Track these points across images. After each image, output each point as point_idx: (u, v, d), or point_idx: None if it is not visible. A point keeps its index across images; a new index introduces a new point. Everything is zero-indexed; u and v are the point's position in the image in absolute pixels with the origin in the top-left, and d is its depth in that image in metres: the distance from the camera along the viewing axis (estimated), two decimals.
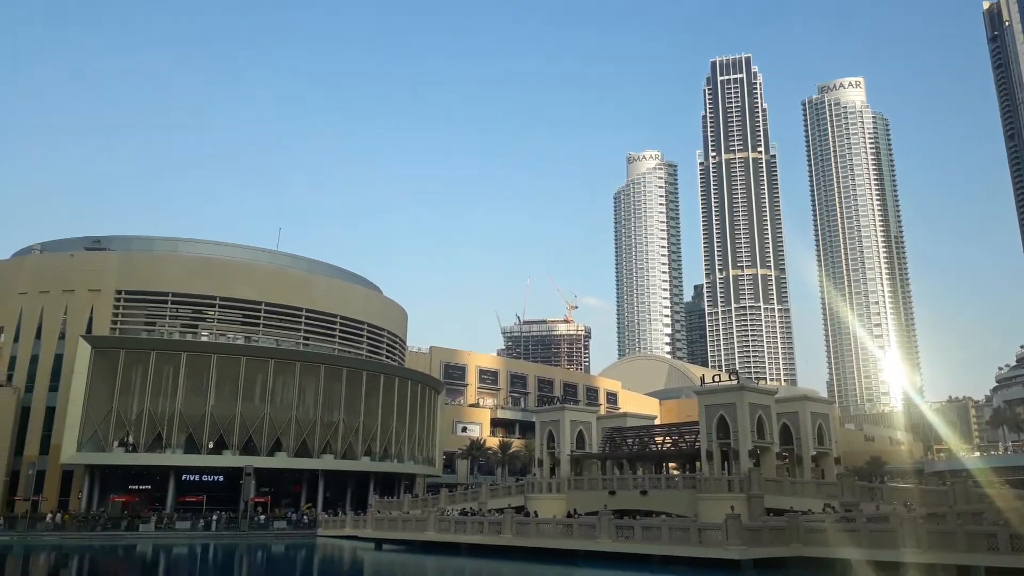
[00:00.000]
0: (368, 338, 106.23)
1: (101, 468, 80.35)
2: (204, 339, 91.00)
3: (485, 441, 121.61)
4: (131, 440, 79.55)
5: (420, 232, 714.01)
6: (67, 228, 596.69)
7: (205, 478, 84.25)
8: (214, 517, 76.48)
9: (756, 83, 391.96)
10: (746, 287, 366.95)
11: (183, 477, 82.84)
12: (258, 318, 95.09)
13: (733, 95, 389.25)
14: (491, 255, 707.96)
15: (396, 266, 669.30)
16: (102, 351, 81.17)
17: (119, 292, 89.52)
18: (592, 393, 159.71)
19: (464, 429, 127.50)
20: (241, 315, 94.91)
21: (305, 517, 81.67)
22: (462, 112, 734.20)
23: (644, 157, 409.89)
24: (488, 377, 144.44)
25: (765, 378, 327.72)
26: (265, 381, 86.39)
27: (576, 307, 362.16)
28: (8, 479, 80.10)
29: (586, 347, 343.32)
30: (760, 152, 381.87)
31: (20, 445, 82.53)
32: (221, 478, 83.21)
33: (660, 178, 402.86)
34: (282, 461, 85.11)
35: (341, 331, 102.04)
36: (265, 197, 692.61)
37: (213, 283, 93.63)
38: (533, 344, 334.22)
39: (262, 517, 79.35)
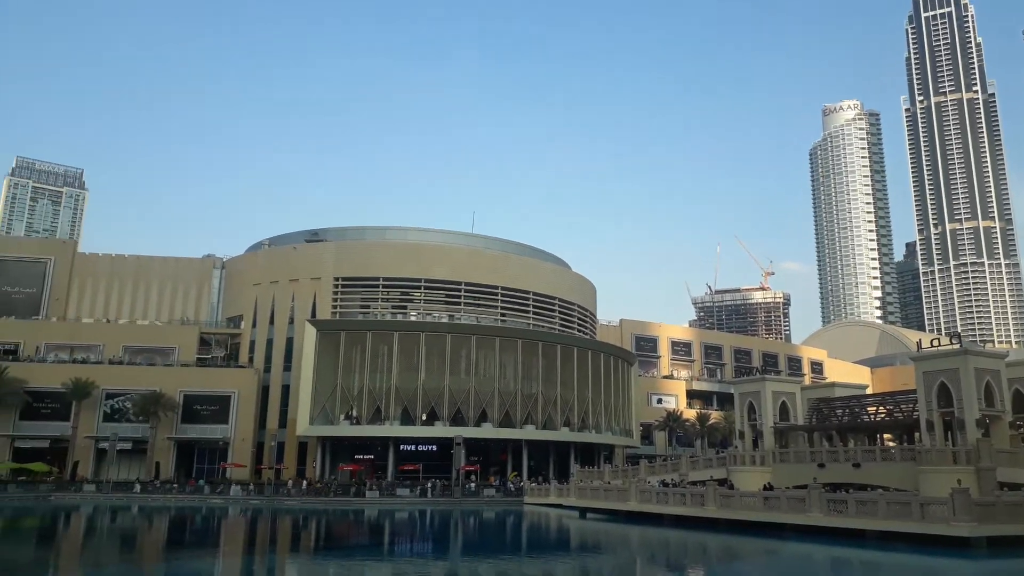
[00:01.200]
0: (560, 313, 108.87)
1: (331, 439, 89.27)
2: (412, 319, 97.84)
3: (681, 413, 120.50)
4: (355, 413, 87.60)
5: (603, 205, 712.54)
6: (291, 222, 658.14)
7: (420, 448, 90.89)
8: (429, 484, 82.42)
9: (967, 15, 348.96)
10: (966, 242, 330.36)
11: (400, 447, 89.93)
12: (459, 297, 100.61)
13: (941, 32, 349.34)
14: (677, 224, 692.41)
15: (582, 241, 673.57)
16: (325, 333, 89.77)
17: (336, 279, 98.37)
18: (794, 363, 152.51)
19: (659, 401, 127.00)
20: (444, 295, 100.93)
21: (511, 485, 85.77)
22: (641, 76, 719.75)
23: (841, 108, 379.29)
24: (681, 349, 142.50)
25: (992, 340, 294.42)
26: (468, 356, 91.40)
27: (772, 273, 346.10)
28: (255, 450, 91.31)
29: (785, 315, 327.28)
30: (976, 92, 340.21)
31: (263, 419, 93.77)
32: (434, 448, 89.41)
33: (861, 129, 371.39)
34: (488, 431, 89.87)
35: (534, 307, 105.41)
36: (457, 182, 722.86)
37: (418, 267, 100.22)
38: (727, 314, 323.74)
39: (472, 485, 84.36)
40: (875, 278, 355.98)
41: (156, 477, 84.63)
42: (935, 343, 65.28)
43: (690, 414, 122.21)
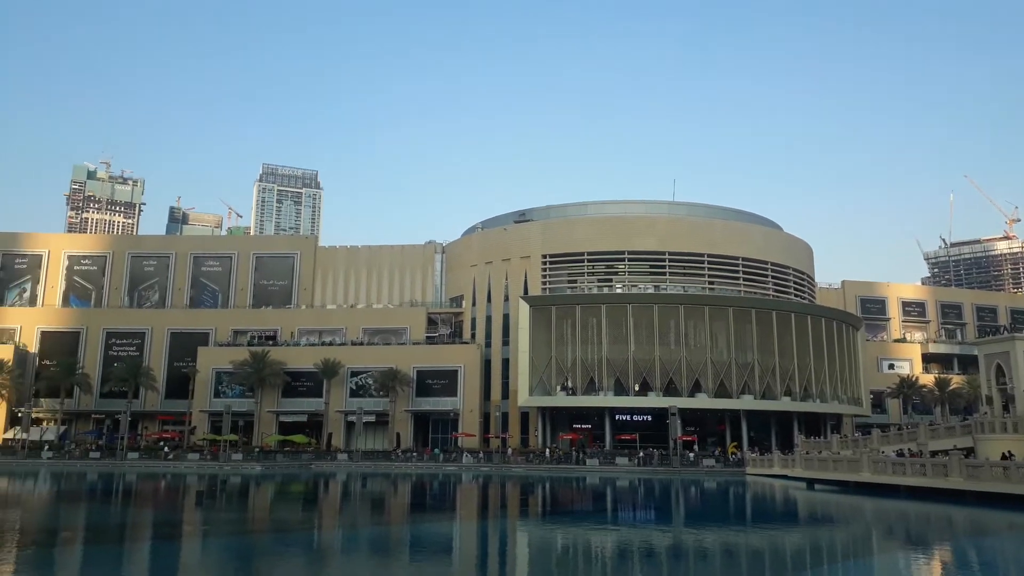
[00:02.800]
0: (773, 277, 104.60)
1: (549, 409, 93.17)
2: (619, 291, 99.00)
3: (917, 378, 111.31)
4: (570, 384, 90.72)
5: (814, 161, 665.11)
6: (502, 204, 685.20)
7: (635, 418, 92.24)
8: (643, 455, 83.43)
9: None
10: None
11: (616, 417, 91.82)
12: (663, 267, 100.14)
13: None
14: (898, 174, 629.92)
15: (794, 201, 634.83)
16: (537, 308, 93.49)
17: (544, 256, 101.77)
18: None
19: (891, 367, 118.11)
20: (648, 266, 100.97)
21: (733, 456, 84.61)
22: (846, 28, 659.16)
23: None
24: (913, 309, 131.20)
25: None
26: (677, 326, 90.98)
27: (1018, 220, 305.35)
28: (482, 420, 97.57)
29: None
30: None
31: (487, 391, 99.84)
32: (649, 418, 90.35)
33: None
34: (702, 402, 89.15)
35: (744, 272, 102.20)
36: (655, 151, 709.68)
37: (620, 239, 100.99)
38: (965, 268, 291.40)
39: (691, 455, 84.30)
40: None
41: (397, 446, 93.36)
42: None
43: (927, 379, 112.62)
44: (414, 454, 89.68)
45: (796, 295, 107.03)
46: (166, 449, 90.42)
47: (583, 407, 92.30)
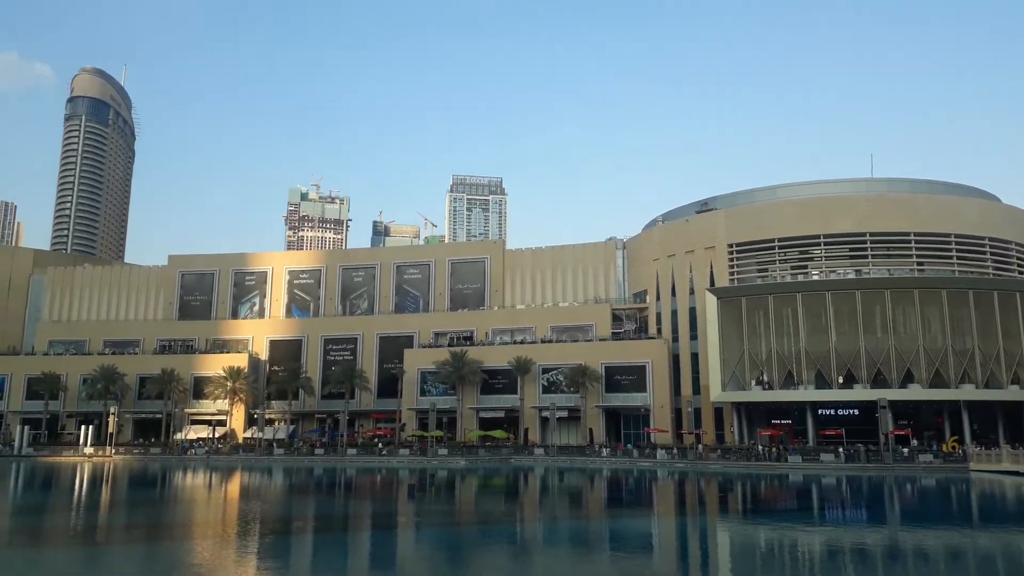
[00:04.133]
0: (992, 254, 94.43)
1: (744, 404, 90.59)
2: (815, 278, 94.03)
3: None
4: (765, 379, 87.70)
5: None
6: (679, 196, 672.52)
7: (840, 412, 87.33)
8: (849, 450, 78.66)
9: None
10: None
11: (819, 411, 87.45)
12: (864, 249, 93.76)
13: None
14: None
15: (1014, 167, 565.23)
16: (725, 300, 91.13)
17: (730, 245, 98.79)
18: None
19: None
20: (847, 249, 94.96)
21: (954, 451, 77.84)
22: None
23: None
24: None
25: None
26: (883, 312, 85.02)
27: None
28: (673, 416, 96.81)
29: None
30: None
31: (677, 386, 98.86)
32: (856, 412, 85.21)
33: None
34: (915, 393, 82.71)
35: (958, 250, 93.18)
36: (848, 126, 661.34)
37: (814, 222, 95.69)
38: None
39: (904, 450, 78.58)
40: None
41: (591, 441, 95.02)
42: None
43: None
44: (607, 449, 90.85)
45: (1021, 272, 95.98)
46: (380, 445, 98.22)
47: (781, 402, 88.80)
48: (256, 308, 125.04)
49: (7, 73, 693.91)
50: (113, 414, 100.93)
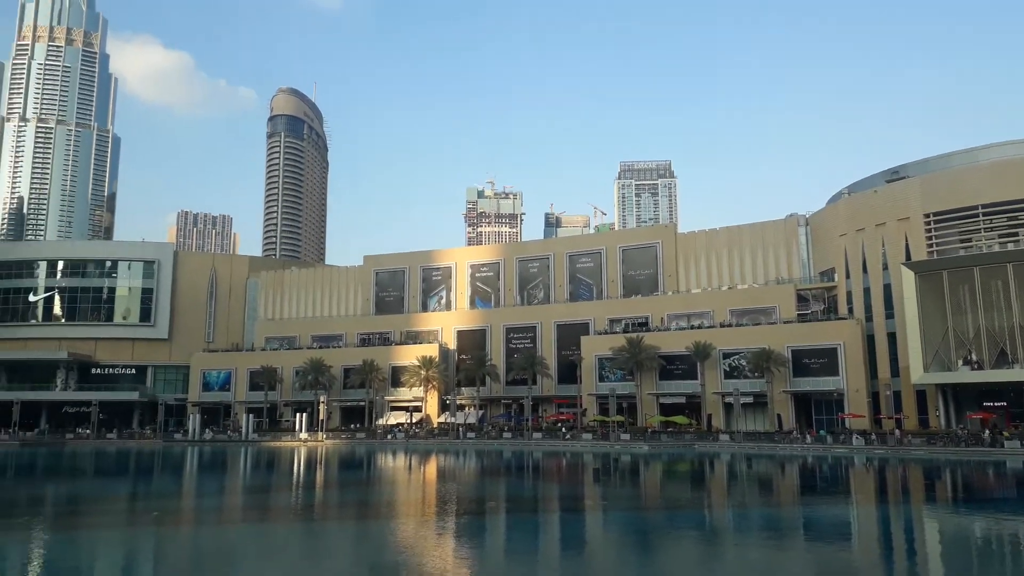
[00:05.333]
0: None
1: (951, 386, 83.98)
2: None
3: None
4: (974, 357, 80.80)
5: None
6: (863, 168, 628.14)
7: None
8: None
9: None
10: None
11: None
12: None
13: None
14: None
15: None
16: (924, 274, 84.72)
17: (927, 215, 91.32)
18: None
19: None
20: None
21: None
22: None
23: None
24: None
25: None
26: None
27: None
28: (869, 400, 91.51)
29: None
30: None
31: (872, 369, 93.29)
32: None
33: None
34: None
35: None
36: None
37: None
38: None
39: None
40: None
41: (780, 428, 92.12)
42: None
43: None
44: (798, 435, 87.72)
45: None
46: (563, 430, 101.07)
47: (994, 382, 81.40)
48: (443, 301, 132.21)
49: (218, 99, 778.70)
50: (322, 402, 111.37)
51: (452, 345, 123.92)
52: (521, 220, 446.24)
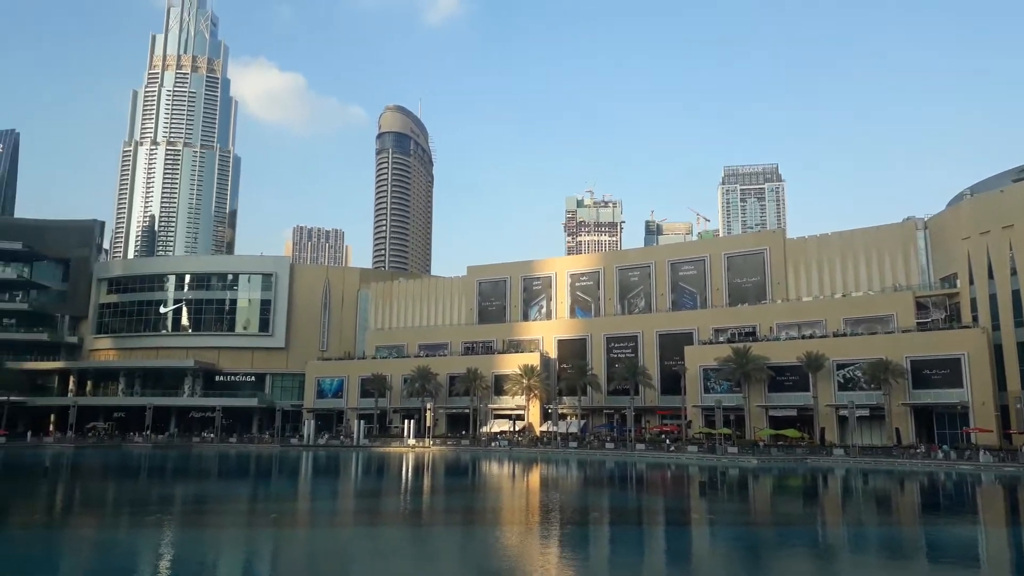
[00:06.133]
0: None
1: None
2: None
3: None
4: None
5: None
6: (991, 165, 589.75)
7: None
8: None
9: None
10: None
11: None
12: None
13: None
14: None
15: None
16: None
17: None
18: None
19: None
20: None
21: None
22: None
23: None
24: None
25: None
26: None
27: None
28: (997, 414, 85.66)
29: None
30: None
31: (1000, 380, 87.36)
32: None
33: None
34: None
35: None
36: None
37: None
38: None
39: None
40: None
41: (898, 443, 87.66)
42: None
43: None
44: (918, 451, 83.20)
45: None
46: (667, 441, 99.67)
47: None
48: (543, 310, 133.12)
49: (330, 117, 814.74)
50: (429, 409, 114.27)
51: (553, 354, 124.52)
52: (621, 228, 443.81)
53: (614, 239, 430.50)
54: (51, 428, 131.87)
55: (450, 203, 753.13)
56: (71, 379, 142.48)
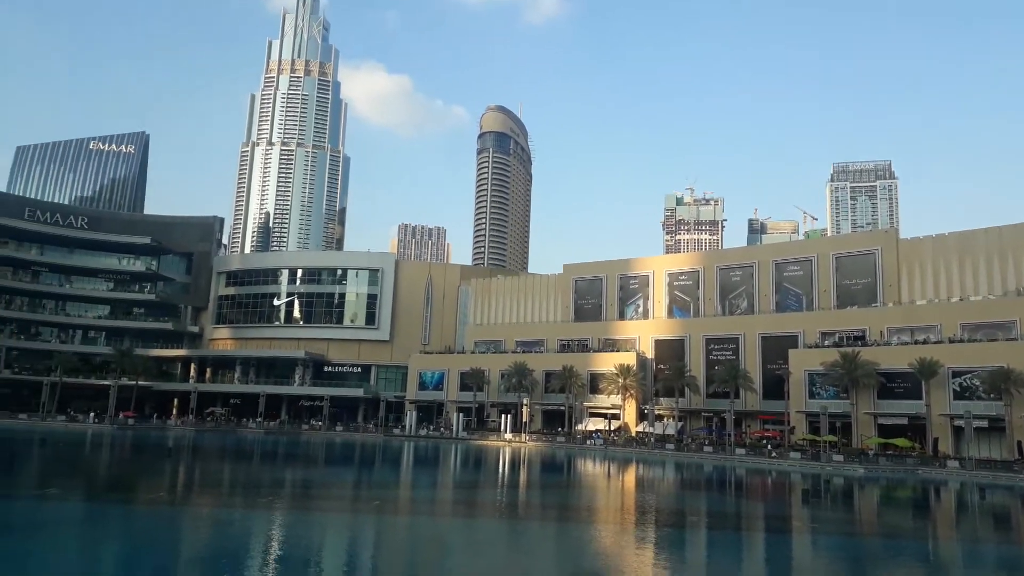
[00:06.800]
0: None
1: None
2: None
3: None
4: None
5: None
6: None
7: None
8: None
9: None
10: None
11: None
12: None
13: None
14: None
15: None
16: None
17: None
18: None
19: None
20: None
21: None
22: None
23: None
24: None
25: None
26: None
27: None
28: None
29: None
30: None
31: None
32: None
33: None
34: None
35: None
36: None
37: None
38: None
39: None
40: None
41: (1020, 456, 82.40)
42: None
43: None
44: None
45: None
46: (768, 447, 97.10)
47: None
48: (640, 310, 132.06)
49: (435, 117, 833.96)
50: (525, 405, 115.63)
51: (649, 354, 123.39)
52: (722, 227, 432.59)
53: (715, 238, 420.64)
54: (174, 412, 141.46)
55: (548, 201, 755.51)
56: (192, 366, 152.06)
